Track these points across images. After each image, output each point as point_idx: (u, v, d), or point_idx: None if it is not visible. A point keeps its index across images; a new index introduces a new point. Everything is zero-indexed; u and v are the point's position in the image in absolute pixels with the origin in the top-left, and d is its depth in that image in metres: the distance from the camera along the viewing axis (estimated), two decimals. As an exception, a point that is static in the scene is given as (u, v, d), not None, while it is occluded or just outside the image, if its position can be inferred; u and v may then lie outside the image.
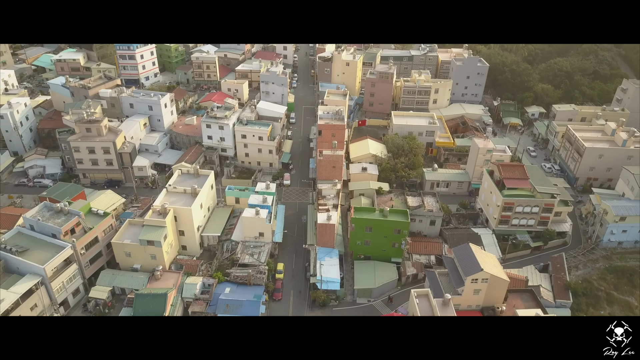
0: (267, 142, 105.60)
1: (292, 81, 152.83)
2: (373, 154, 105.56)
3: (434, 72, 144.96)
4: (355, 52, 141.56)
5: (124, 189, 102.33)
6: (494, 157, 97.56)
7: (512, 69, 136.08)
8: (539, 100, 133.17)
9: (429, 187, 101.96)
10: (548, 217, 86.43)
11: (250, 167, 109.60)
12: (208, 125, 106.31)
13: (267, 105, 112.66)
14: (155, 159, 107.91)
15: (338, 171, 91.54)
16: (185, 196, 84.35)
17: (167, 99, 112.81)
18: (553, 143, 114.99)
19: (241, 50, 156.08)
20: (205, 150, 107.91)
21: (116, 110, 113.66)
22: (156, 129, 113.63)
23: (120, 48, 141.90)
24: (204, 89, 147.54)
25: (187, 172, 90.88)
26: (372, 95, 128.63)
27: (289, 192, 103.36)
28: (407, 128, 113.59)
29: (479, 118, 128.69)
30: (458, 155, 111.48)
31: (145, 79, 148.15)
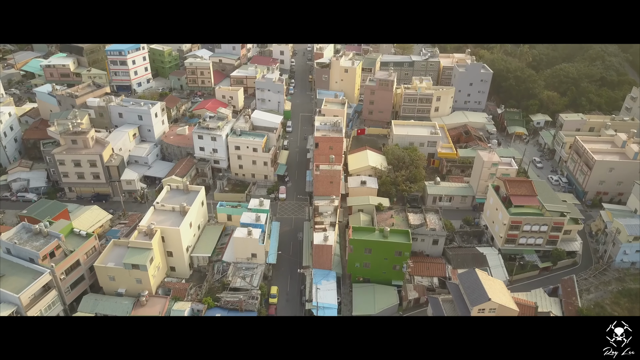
0: (261, 153, 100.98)
1: (289, 87, 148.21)
2: (372, 166, 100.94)
3: (435, 79, 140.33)
4: (354, 57, 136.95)
5: (112, 203, 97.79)
6: (500, 171, 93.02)
7: (516, 75, 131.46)
8: (545, 108, 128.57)
9: (431, 201, 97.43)
10: (557, 236, 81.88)
11: (244, 179, 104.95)
12: (200, 136, 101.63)
13: (262, 115, 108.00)
14: (145, 171, 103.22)
15: (336, 187, 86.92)
16: (173, 214, 79.73)
17: (157, 108, 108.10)
18: (560, 154, 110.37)
19: (236, 55, 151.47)
20: (197, 162, 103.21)
21: (105, 120, 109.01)
22: (146, 140, 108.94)
23: (111, 53, 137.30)
24: (198, 95, 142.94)
25: (177, 188, 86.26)
26: (371, 103, 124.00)
27: (284, 207, 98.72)
28: (407, 138, 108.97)
29: (483, 127, 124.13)
30: (461, 167, 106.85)
31: (138, 84, 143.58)
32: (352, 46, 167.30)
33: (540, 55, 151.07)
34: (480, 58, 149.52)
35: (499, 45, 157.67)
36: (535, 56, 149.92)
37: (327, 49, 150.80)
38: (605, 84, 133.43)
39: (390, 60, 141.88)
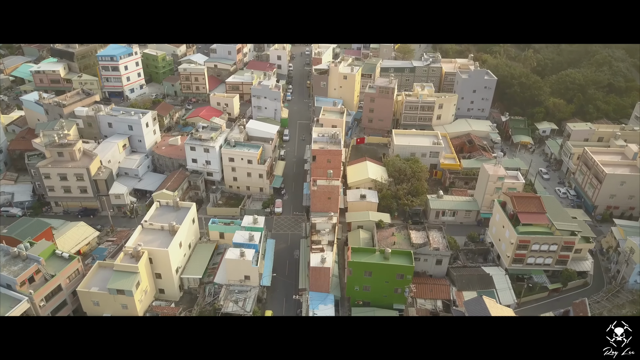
0: (257, 165, 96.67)
1: (287, 93, 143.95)
2: (373, 178, 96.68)
3: (437, 85, 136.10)
4: (353, 62, 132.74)
5: (100, 218, 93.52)
6: (506, 185, 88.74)
7: (521, 81, 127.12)
8: (551, 116, 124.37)
9: (434, 216, 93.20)
10: (567, 256, 77.66)
11: (238, 192, 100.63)
12: (192, 147, 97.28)
13: (257, 124, 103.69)
14: (135, 184, 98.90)
15: (334, 202, 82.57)
16: (162, 234, 75.44)
17: (148, 117, 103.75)
18: (568, 165, 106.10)
19: (232, 60, 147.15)
20: (190, 175, 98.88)
21: (93, 130, 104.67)
22: (137, 150, 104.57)
23: (102, 59, 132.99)
24: (192, 102, 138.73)
25: (167, 204, 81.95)
26: (371, 111, 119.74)
27: (280, 222, 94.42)
28: (409, 149, 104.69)
29: (487, 135, 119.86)
30: (465, 179, 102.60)
31: (130, 91, 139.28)
32: (352, 50, 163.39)
33: (545, 60, 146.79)
34: (483, 63, 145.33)
35: (503, 50, 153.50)
36: (540, 61, 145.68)
37: (325, 54, 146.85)
38: (613, 90, 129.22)
39: (391, 66, 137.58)
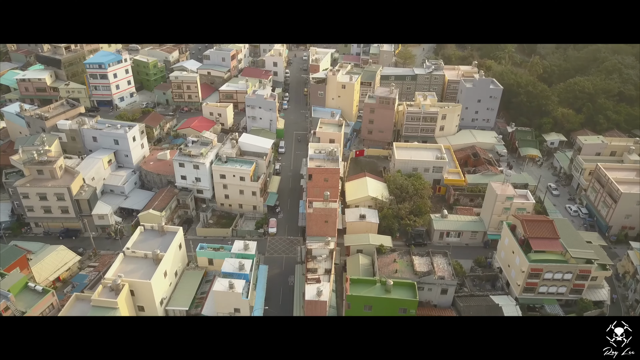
0: (249, 183, 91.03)
1: (283, 102, 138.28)
2: (373, 196, 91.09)
3: (440, 93, 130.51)
4: (352, 70, 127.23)
5: (83, 239, 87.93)
6: (515, 205, 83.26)
7: (527, 90, 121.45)
8: (559, 126, 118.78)
9: (438, 237, 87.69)
10: (583, 285, 72.11)
11: (230, 210, 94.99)
12: (181, 164, 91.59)
13: (250, 139, 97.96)
14: (121, 202, 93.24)
15: (331, 226, 77.04)
16: (146, 262, 69.71)
17: (135, 131, 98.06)
18: (578, 180, 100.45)
19: (226, 67, 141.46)
20: (179, 193, 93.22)
21: (77, 144, 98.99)
22: (124, 165, 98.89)
23: (90, 66, 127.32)
24: (184, 111, 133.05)
25: (152, 229, 76.28)
26: (371, 122, 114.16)
27: (274, 243, 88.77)
28: (411, 164, 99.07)
29: (492, 147, 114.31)
30: (470, 195, 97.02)
31: (120, 99, 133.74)
32: (350, 56, 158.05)
33: (552, 66, 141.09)
34: (487, 70, 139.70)
35: (507, 56, 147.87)
36: (546, 67, 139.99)
37: (323, 60, 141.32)
38: (623, 99, 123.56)
39: (392, 74, 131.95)
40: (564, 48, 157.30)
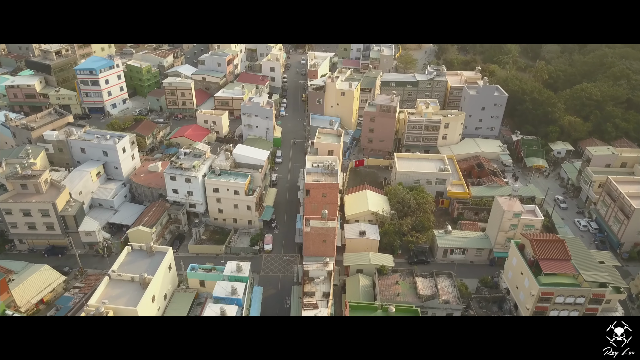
0: (244, 197, 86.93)
1: (280, 108, 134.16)
2: (373, 211, 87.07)
3: (442, 100, 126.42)
4: (351, 75, 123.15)
5: (69, 257, 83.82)
6: (522, 222, 79.25)
7: (533, 97, 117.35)
8: (565, 135, 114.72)
9: (442, 254, 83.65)
10: (596, 309, 68.03)
11: (224, 225, 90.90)
12: (172, 177, 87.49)
13: (245, 150, 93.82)
14: (110, 217, 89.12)
15: (329, 246, 73.00)
16: (132, 286, 65.60)
17: (125, 142, 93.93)
18: (587, 193, 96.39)
19: (222, 72, 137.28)
20: (170, 207, 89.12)
21: (65, 155, 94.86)
22: (113, 178, 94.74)
23: (80, 72, 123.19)
24: (178, 118, 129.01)
25: (140, 249, 72.16)
26: (371, 131, 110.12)
27: (270, 261, 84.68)
28: (413, 176, 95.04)
29: (497, 157, 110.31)
30: (474, 209, 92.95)
31: (112, 106, 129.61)
32: (350, 61, 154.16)
33: (557, 72, 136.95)
34: (490, 75, 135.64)
35: (511, 61, 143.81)
36: (552, 73, 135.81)
37: (322, 65, 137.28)
38: (632, 106, 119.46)
39: (392, 80, 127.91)
40: (569, 52, 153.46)
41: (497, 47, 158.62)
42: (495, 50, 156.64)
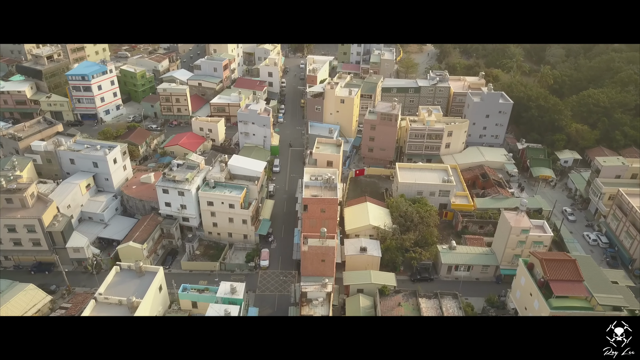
0: (239, 210, 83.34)
1: (278, 115, 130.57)
2: (374, 225, 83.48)
3: (444, 107, 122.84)
4: (351, 81, 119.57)
5: (56, 274, 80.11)
6: (530, 239, 75.67)
7: (539, 104, 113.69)
8: (572, 143, 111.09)
9: (446, 270, 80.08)
10: (610, 333, 64.33)
11: (219, 239, 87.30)
12: (165, 190, 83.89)
13: (241, 161, 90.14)
14: (100, 231, 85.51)
15: (329, 266, 69.39)
16: (120, 310, 62.13)
17: (116, 152, 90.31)
18: (597, 205, 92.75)
19: (218, 77, 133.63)
20: (163, 221, 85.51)
21: (53, 166, 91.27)
22: (104, 190, 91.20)
23: (72, 78, 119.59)
24: (173, 125, 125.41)
25: (129, 268, 68.58)
26: (371, 140, 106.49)
27: (266, 279, 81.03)
28: (415, 187, 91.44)
29: (501, 166, 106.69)
30: (480, 222, 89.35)
31: (105, 112, 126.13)
32: (350, 65, 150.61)
33: (563, 77, 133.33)
34: (494, 80, 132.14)
35: (516, 65, 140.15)
36: (557, 78, 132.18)
37: (321, 70, 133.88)
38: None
39: (393, 86, 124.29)
40: (574, 56, 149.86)
41: (500, 50, 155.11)
42: (499, 54, 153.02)
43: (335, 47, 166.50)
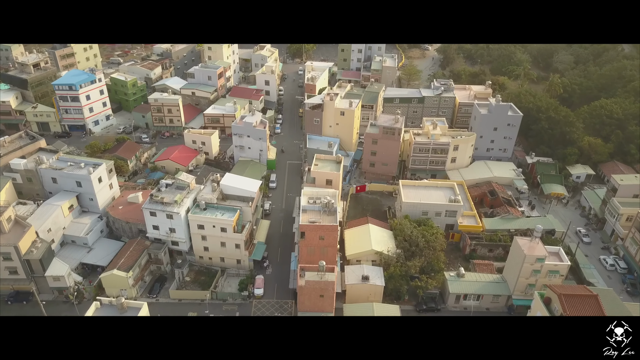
0: (232, 234, 77.78)
1: (276, 125, 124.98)
2: (377, 251, 77.92)
3: (450, 117, 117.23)
4: (352, 90, 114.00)
5: (36, 304, 74.23)
6: (546, 268, 70.13)
7: (549, 115, 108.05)
8: (585, 157, 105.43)
9: (454, 300, 74.57)
10: (635, 377, 58.85)
11: (211, 264, 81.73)
12: (152, 213, 78.27)
13: (234, 181, 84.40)
14: (84, 256, 79.95)
15: (328, 301, 63.82)
16: (99, 353, 56.39)
17: (102, 170, 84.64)
18: (614, 226, 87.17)
19: (213, 86, 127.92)
20: (151, 245, 79.93)
21: (35, 185, 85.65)
22: (88, 210, 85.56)
23: (59, 88, 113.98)
24: (165, 136, 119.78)
25: (110, 304, 62.81)
26: (373, 154, 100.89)
27: (261, 309, 75.02)
28: (420, 207, 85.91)
29: (510, 182, 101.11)
30: (489, 245, 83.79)
31: (94, 123, 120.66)
32: (350, 72, 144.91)
33: (572, 85, 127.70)
34: (500, 88, 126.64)
35: (523, 73, 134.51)
36: (566, 86, 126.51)
37: (320, 78, 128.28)
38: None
39: (396, 96, 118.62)
40: (583, 63, 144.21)
41: (506, 56, 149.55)
42: (505, 60, 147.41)
43: (335, 52, 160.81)
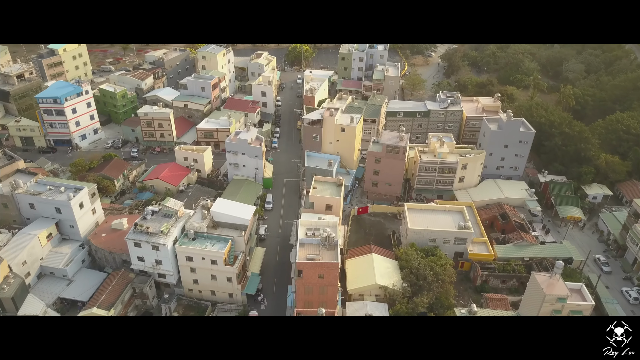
0: (223, 267, 71.49)
1: (273, 139, 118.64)
2: (381, 285, 71.58)
3: (456, 132, 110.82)
4: (353, 102, 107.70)
5: (8, 345, 68.11)
6: (567, 307, 63.67)
7: (562, 131, 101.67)
8: (601, 176, 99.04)
9: (465, 340, 67.93)
10: None
11: (201, 298, 75.43)
12: (137, 243, 71.90)
13: (226, 207, 77.98)
14: (62, 290, 73.60)
15: (327, 349, 57.36)
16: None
17: (83, 195, 78.23)
18: (636, 255, 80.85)
19: (207, 98, 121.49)
20: (135, 278, 73.58)
21: (11, 211, 79.26)
22: (69, 237, 79.20)
23: (43, 101, 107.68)
24: (155, 152, 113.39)
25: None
26: (376, 173, 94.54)
27: (255, 350, 69.04)
28: (427, 234, 79.58)
29: (522, 203, 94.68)
30: (502, 276, 77.47)
31: (81, 137, 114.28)
32: (350, 82, 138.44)
33: (585, 96, 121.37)
34: (509, 99, 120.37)
35: (533, 84, 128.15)
36: (579, 97, 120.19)
37: (319, 90, 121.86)
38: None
39: (400, 109, 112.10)
40: (595, 72, 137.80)
41: (513, 64, 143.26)
42: (512, 69, 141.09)
43: (334, 58, 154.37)
